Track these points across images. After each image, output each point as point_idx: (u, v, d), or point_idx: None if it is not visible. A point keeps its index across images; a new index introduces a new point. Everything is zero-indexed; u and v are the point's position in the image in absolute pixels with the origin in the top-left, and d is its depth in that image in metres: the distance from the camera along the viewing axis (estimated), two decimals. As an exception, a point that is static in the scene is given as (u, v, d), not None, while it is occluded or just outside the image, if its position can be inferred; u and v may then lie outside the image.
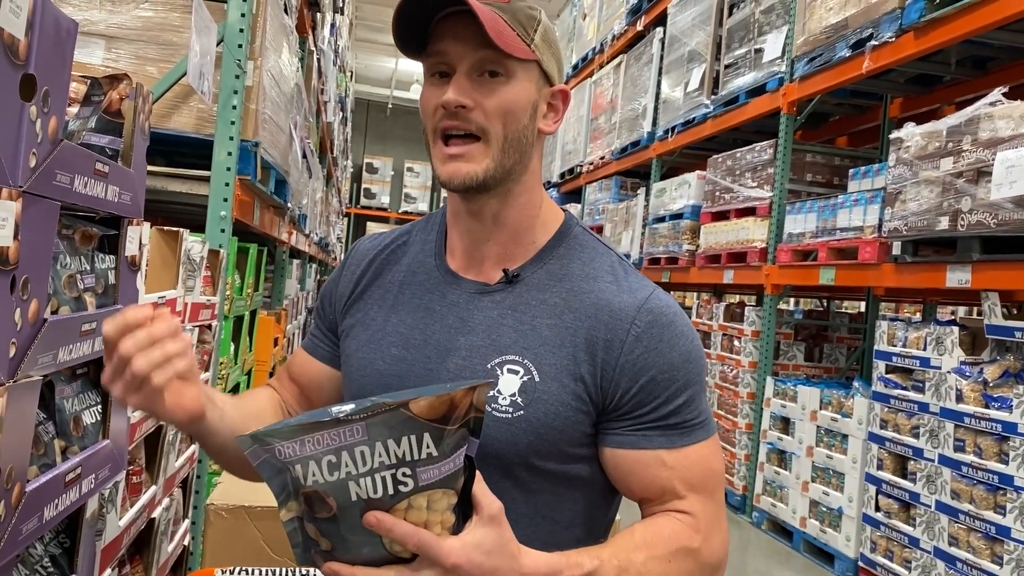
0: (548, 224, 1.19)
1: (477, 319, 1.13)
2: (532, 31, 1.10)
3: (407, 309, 1.18)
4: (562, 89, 1.17)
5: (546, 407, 1.07)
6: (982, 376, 3.47)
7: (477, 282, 1.16)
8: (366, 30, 18.75)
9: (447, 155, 1.09)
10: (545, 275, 1.15)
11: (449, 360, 1.12)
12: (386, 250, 1.27)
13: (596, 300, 1.11)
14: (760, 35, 5.55)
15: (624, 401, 1.09)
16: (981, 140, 3.40)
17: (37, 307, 0.93)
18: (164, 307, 0.92)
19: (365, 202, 23.23)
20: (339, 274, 1.30)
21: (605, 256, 1.18)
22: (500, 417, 1.08)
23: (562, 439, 1.08)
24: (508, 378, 1.09)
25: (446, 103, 1.06)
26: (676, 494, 1.10)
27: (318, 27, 5.26)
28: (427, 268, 1.21)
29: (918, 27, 3.88)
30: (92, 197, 1.07)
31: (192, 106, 2.57)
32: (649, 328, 1.10)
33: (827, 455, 4.58)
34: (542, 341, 1.10)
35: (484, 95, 1.08)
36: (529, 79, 1.11)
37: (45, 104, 0.90)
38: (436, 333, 1.14)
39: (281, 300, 5.06)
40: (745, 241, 5.51)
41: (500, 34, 1.04)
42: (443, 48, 1.08)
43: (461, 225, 1.18)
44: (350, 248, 1.32)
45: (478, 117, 1.07)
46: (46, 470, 1.05)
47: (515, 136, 1.10)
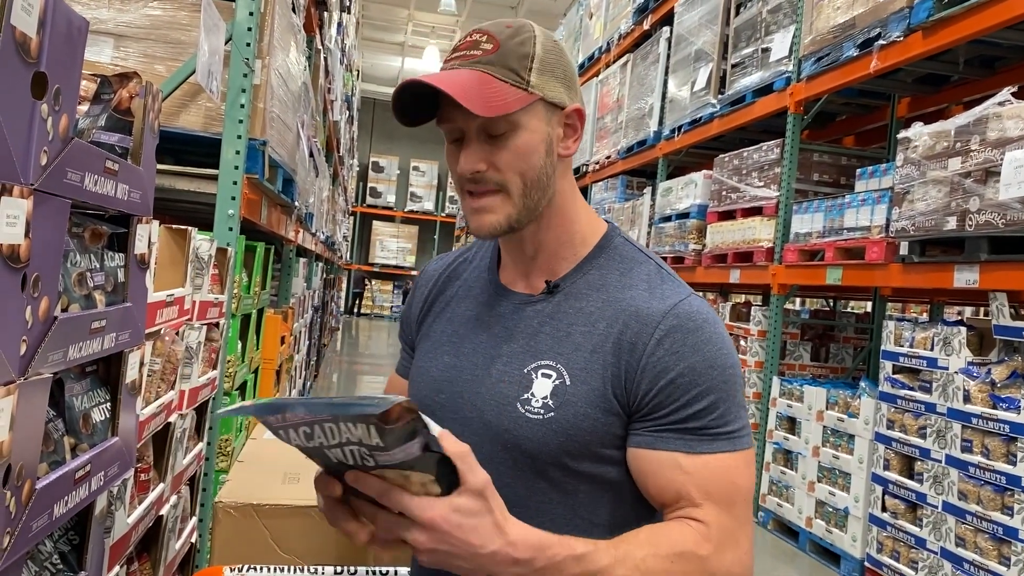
0: (589, 236, 1.24)
1: (519, 328, 1.20)
2: (527, 72, 1.12)
3: (460, 320, 1.27)
4: (576, 108, 1.19)
5: (575, 409, 1.11)
6: (990, 377, 3.46)
7: (523, 294, 1.23)
8: (372, 29, 18.78)
9: (472, 208, 1.16)
10: (584, 285, 1.20)
11: (492, 367, 1.19)
12: (448, 269, 1.37)
13: (627, 307, 1.15)
14: (767, 34, 5.54)
15: (645, 402, 1.11)
16: (989, 140, 3.39)
17: (48, 305, 0.93)
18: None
19: (371, 201, 23.25)
20: (411, 297, 1.40)
21: (643, 265, 1.21)
22: (533, 419, 1.13)
23: (592, 440, 1.11)
24: (541, 382, 1.14)
25: (461, 173, 1.14)
26: (691, 500, 1.09)
27: (325, 26, 5.27)
28: (481, 282, 1.30)
29: (926, 26, 3.87)
30: (102, 195, 1.08)
31: (200, 105, 2.57)
32: (672, 331, 1.11)
33: (833, 455, 4.57)
34: (575, 347, 1.14)
35: (495, 154, 1.13)
36: (537, 119, 1.14)
37: (56, 102, 0.90)
38: (484, 342, 1.22)
39: (288, 298, 5.07)
40: (752, 241, 5.50)
41: (489, 100, 1.08)
42: (450, 116, 1.14)
43: (509, 246, 1.26)
44: (420, 272, 1.44)
45: (494, 175, 1.13)
46: (56, 467, 1.06)
47: (534, 179, 1.15)
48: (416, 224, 23.83)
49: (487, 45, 1.13)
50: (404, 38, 19.40)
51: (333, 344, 14.30)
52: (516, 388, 1.15)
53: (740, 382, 1.16)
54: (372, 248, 23.47)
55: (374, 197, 23.34)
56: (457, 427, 1.14)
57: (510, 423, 1.14)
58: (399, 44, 19.91)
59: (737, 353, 1.18)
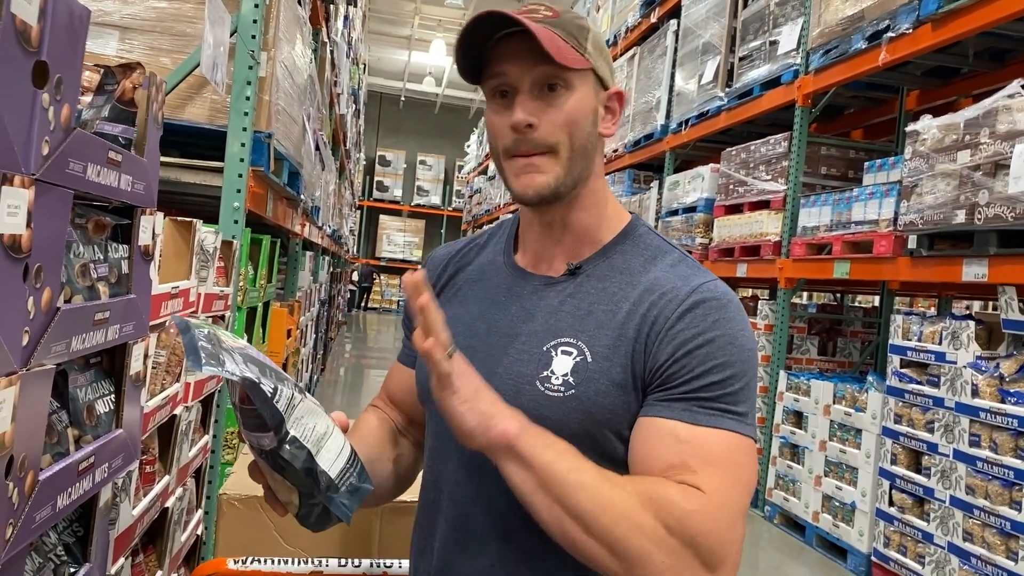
0: (614, 224, 1.23)
1: (539, 308, 1.17)
2: (584, 40, 1.14)
3: (474, 302, 1.25)
4: (618, 91, 1.20)
5: (596, 386, 1.08)
6: (998, 371, 3.44)
7: (544, 276, 1.21)
8: (379, 22, 18.76)
9: (519, 167, 1.14)
10: (607, 267, 1.18)
11: (510, 347, 1.16)
12: (458, 254, 1.34)
13: (650, 285, 1.13)
14: (775, 27, 5.51)
15: (660, 372, 1.07)
16: (999, 133, 3.36)
17: (50, 296, 0.93)
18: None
19: (378, 195, 23.27)
20: None
21: (668, 254, 1.19)
22: (553, 396, 1.10)
23: (613, 419, 1.08)
24: (561, 359, 1.11)
25: (515, 125, 1.11)
26: (688, 467, 1.01)
27: (331, 19, 5.26)
28: (496, 266, 1.27)
29: (935, 18, 3.84)
30: (105, 186, 1.07)
31: (206, 97, 2.57)
32: (696, 307, 1.09)
33: (840, 449, 4.55)
34: (597, 324, 1.12)
35: (548, 111, 1.12)
36: (587, 87, 1.15)
37: (58, 92, 0.89)
38: (500, 322, 1.19)
39: (294, 292, 5.07)
40: (759, 234, 5.48)
41: (558, 49, 1.08)
42: (502, 69, 1.13)
43: (533, 232, 1.24)
44: (427, 258, 1.40)
45: (545, 134, 1.12)
46: (59, 459, 1.05)
47: (581, 144, 1.14)
48: (423, 218, 23.84)
49: (547, 12, 1.14)
50: (411, 31, 19.38)
51: (340, 338, 14.32)
52: (534, 366, 1.12)
53: (756, 371, 1.13)
54: (379, 242, 23.50)
55: (381, 191, 23.36)
56: None
57: (528, 402, 1.10)
58: (406, 38, 19.89)
59: (756, 342, 1.16)
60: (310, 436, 0.99)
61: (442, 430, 1.18)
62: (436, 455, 1.23)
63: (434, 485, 1.22)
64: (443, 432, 1.17)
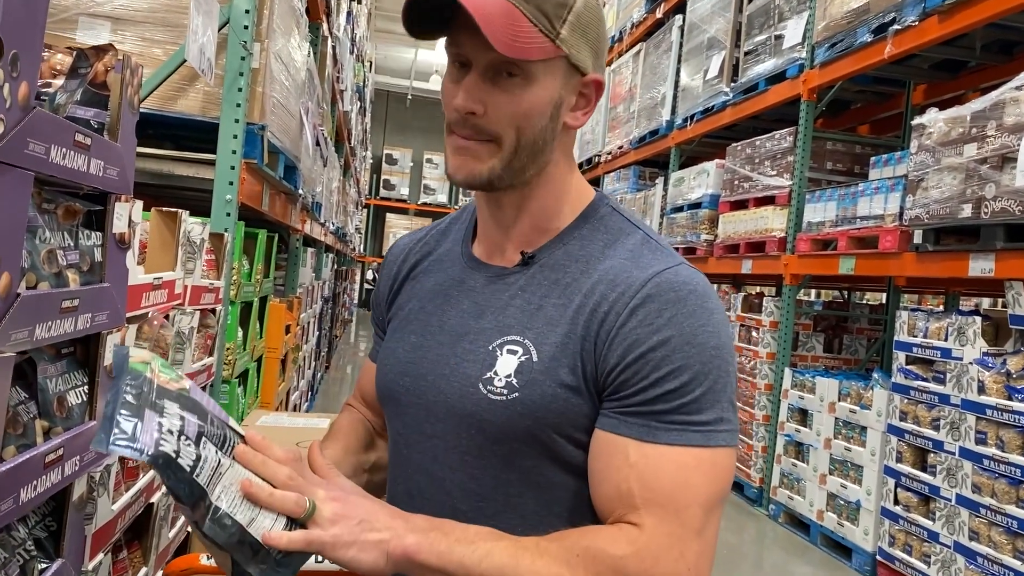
0: (575, 206, 1.12)
1: (490, 302, 1.09)
2: (560, 22, 1.00)
3: (428, 297, 1.16)
4: (595, 79, 1.07)
5: (542, 388, 0.99)
6: (1005, 367, 3.39)
7: (496, 266, 1.12)
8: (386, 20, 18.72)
9: (455, 146, 1.04)
10: (563, 255, 1.08)
11: (458, 345, 1.07)
12: (419, 243, 1.25)
13: (603, 276, 1.03)
14: (780, 21, 5.46)
15: (612, 379, 0.98)
16: (1006, 125, 3.31)
17: (8, 281, 0.90)
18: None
19: (384, 193, 23.26)
20: (380, 276, 1.30)
21: (631, 235, 1.08)
22: (495, 400, 1.01)
23: (562, 422, 1.00)
24: (506, 359, 1.02)
25: (456, 108, 1.02)
26: (631, 501, 0.94)
27: (333, 14, 5.23)
28: (452, 256, 1.18)
29: (942, 10, 3.79)
30: (72, 169, 1.04)
31: (199, 89, 2.54)
32: (649, 300, 0.98)
33: (845, 447, 4.50)
34: (546, 320, 1.03)
35: (497, 99, 1.01)
36: (552, 77, 1.02)
37: (14, 68, 0.86)
38: (451, 319, 1.11)
39: (295, 288, 5.05)
40: (764, 230, 5.43)
41: (513, 38, 0.96)
42: (460, 39, 1.01)
43: (485, 214, 1.14)
44: (389, 248, 1.32)
45: (488, 124, 1.02)
46: (25, 450, 1.02)
47: (530, 140, 1.03)
48: (429, 216, 23.78)
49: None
50: (417, 29, 19.31)
51: (347, 335, 14.31)
52: (479, 367, 1.04)
53: (728, 368, 1.00)
54: (385, 240, 23.47)
55: (387, 189, 23.34)
56: (421, 413, 1.09)
57: (472, 405, 1.02)
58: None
59: (730, 335, 1.03)
60: (239, 505, 0.89)
61: (398, 437, 1.14)
62: (393, 465, 1.17)
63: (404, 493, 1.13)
64: (399, 439, 1.14)
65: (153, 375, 0.90)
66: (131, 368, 0.88)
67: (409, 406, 1.10)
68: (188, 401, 0.90)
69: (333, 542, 0.90)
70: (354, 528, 0.91)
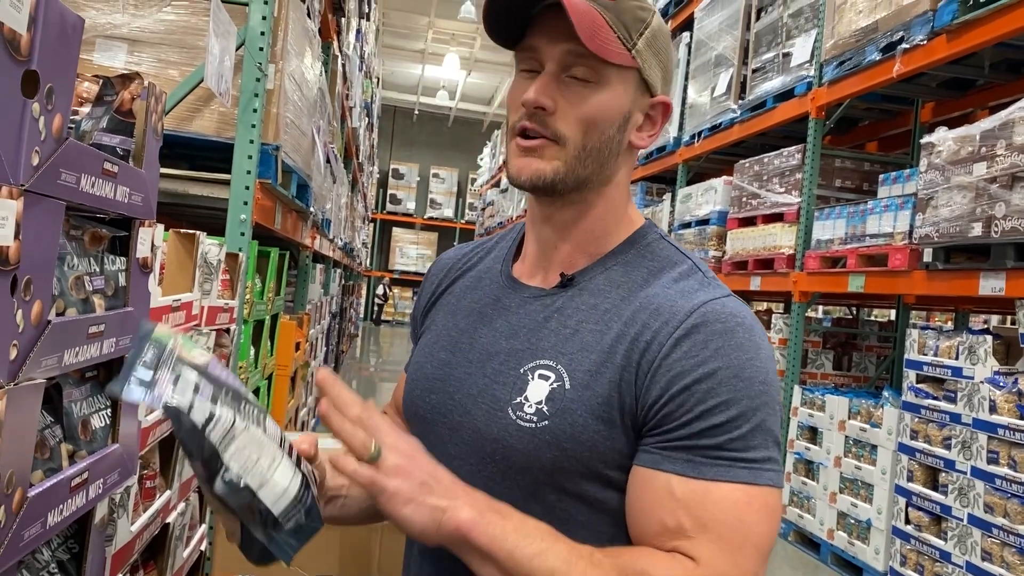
0: (622, 232, 1.10)
1: (523, 322, 1.06)
2: (637, 34, 1.02)
3: (462, 314, 1.14)
4: (664, 100, 1.07)
5: (573, 418, 0.96)
6: (1016, 386, 3.38)
7: (535, 287, 1.10)
8: (393, 36, 18.86)
9: (521, 148, 1.03)
10: (604, 281, 1.05)
11: (488, 365, 1.05)
12: (464, 259, 1.24)
13: (646, 304, 1.00)
14: (788, 39, 5.48)
15: (654, 412, 0.94)
16: (1016, 144, 3.32)
17: (40, 308, 0.91)
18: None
19: (391, 208, 23.36)
20: (421, 289, 1.29)
21: (677, 265, 1.06)
22: (524, 427, 0.98)
23: (592, 457, 0.96)
24: (537, 384, 1.00)
25: (525, 102, 1.01)
26: (683, 531, 0.91)
27: (343, 32, 5.27)
28: (492, 274, 1.17)
29: (950, 29, 3.81)
30: (100, 197, 1.06)
31: (214, 109, 2.57)
32: (694, 331, 0.95)
33: (856, 466, 4.49)
34: (582, 346, 1.00)
35: (569, 98, 1.01)
36: (624, 87, 1.03)
37: (49, 101, 0.88)
38: (483, 337, 1.09)
39: (304, 305, 5.06)
40: (773, 247, 5.44)
41: (594, 33, 0.97)
42: (533, 43, 1.02)
43: (535, 231, 1.13)
44: (434, 261, 1.31)
45: (557, 122, 1.01)
46: (51, 475, 1.03)
47: (595, 146, 1.02)
48: (436, 231, 23.89)
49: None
50: (424, 45, 19.47)
51: (352, 351, 14.32)
52: (509, 390, 1.01)
53: (775, 406, 0.96)
54: (392, 255, 23.55)
55: (394, 204, 23.45)
56: (445, 432, 1.07)
57: (499, 431, 1.00)
58: (419, 51, 19.98)
59: (776, 371, 1.00)
60: (251, 468, 0.89)
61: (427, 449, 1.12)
62: None
63: None
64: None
65: (175, 346, 0.92)
66: (154, 337, 0.91)
67: (435, 424, 1.09)
68: (206, 372, 0.92)
69: (393, 492, 0.88)
70: (415, 487, 0.88)
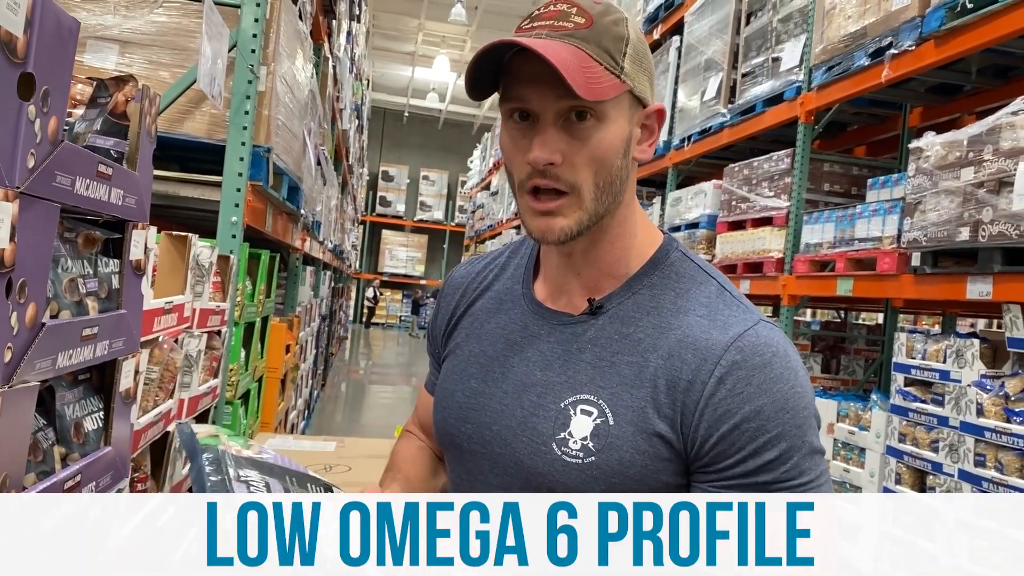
0: (643, 250, 1.09)
1: (555, 352, 1.06)
2: (621, 56, 1.00)
3: (489, 339, 1.14)
4: (658, 108, 1.08)
5: (620, 453, 0.97)
6: (1003, 390, 3.41)
7: (562, 313, 1.09)
8: (383, 39, 18.85)
9: (537, 211, 1.02)
10: (632, 307, 1.05)
11: (524, 397, 1.05)
12: (479, 276, 1.23)
13: (682, 337, 1.00)
14: (778, 44, 5.51)
15: (704, 451, 0.96)
16: (1003, 150, 3.34)
17: (35, 311, 0.91)
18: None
19: (381, 210, 23.32)
20: (437, 307, 1.28)
21: (703, 286, 1.06)
22: (570, 463, 0.99)
23: (639, 489, 0.97)
24: (581, 420, 1.00)
25: (533, 162, 0.99)
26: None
27: (334, 34, 5.27)
28: (513, 296, 1.16)
29: (938, 35, 3.83)
30: (94, 200, 1.06)
31: (205, 111, 2.56)
32: (735, 368, 0.96)
33: (844, 468, 4.51)
34: (620, 380, 1.00)
35: (572, 146, 0.99)
36: (620, 113, 1.02)
37: (45, 104, 0.88)
38: (515, 366, 1.08)
39: (294, 307, 5.05)
40: (762, 251, 5.46)
41: (587, 80, 0.94)
42: (523, 94, 0.99)
43: (553, 258, 1.12)
44: (445, 278, 1.30)
45: (567, 173, 0.99)
46: (44, 477, 1.03)
47: (608, 182, 1.02)
48: (425, 233, 23.87)
49: (579, 18, 0.98)
50: (414, 48, 19.46)
51: (342, 353, 14.29)
52: (551, 425, 1.01)
53: (816, 423, 1.00)
54: (381, 257, 23.52)
55: (384, 206, 23.41)
56: (485, 463, 1.07)
57: (544, 466, 1.00)
58: (409, 54, 19.97)
59: (811, 387, 1.02)
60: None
61: (459, 482, 1.12)
62: None
63: None
64: (461, 484, 1.11)
65: (225, 447, 0.91)
66: (203, 444, 0.90)
67: (472, 454, 1.09)
68: (265, 465, 0.92)
69: None
70: None
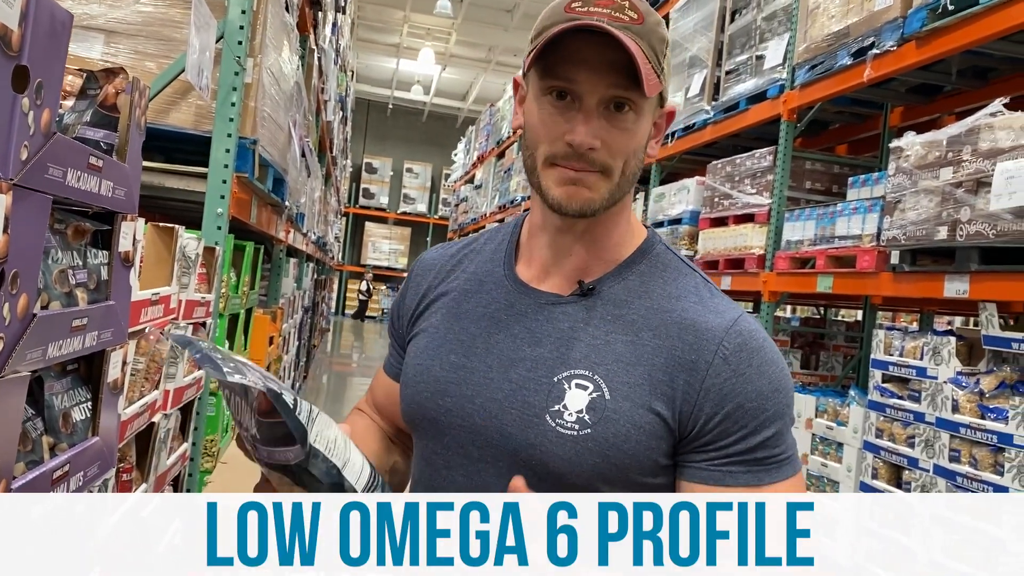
0: (631, 240, 1.13)
1: (546, 330, 1.08)
2: (663, 57, 1.04)
3: (470, 318, 1.14)
4: (672, 109, 1.11)
5: (616, 427, 1.00)
6: (978, 387, 3.47)
7: (549, 293, 1.11)
8: (368, 30, 18.76)
9: (566, 178, 1.03)
10: (623, 291, 1.09)
11: (512, 371, 1.07)
12: (452, 260, 1.23)
13: (680, 319, 1.04)
14: (762, 42, 5.55)
15: (707, 429, 1.00)
16: (981, 150, 3.39)
17: (27, 302, 0.92)
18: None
19: (364, 202, 23.24)
20: (405, 288, 1.27)
21: (689, 277, 1.11)
22: (565, 434, 1.01)
23: (632, 465, 1.00)
24: (576, 393, 1.02)
25: (578, 145, 1.01)
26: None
27: (319, 26, 5.25)
28: (495, 277, 1.16)
29: (920, 36, 3.88)
30: (85, 192, 1.06)
31: (191, 102, 2.56)
32: (738, 351, 1.02)
33: (822, 463, 4.57)
34: (616, 357, 1.03)
35: (611, 133, 1.02)
36: (650, 110, 1.05)
37: (38, 96, 0.89)
38: (500, 342, 1.09)
39: (277, 299, 5.05)
40: (743, 247, 5.50)
41: (647, 76, 0.97)
42: (573, 76, 1.00)
43: (545, 238, 1.13)
44: (414, 262, 1.30)
45: (602, 156, 1.02)
46: (33, 467, 1.04)
47: (633, 171, 1.07)
48: (409, 226, 23.82)
49: (632, 13, 1.00)
50: (399, 40, 19.39)
51: (323, 345, 14.26)
52: (544, 398, 1.03)
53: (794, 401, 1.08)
54: (364, 249, 23.45)
55: (367, 198, 23.33)
56: (465, 436, 1.07)
57: (537, 437, 1.02)
58: (394, 45, 19.90)
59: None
60: (333, 449, 0.92)
61: (434, 457, 1.11)
62: (427, 484, 1.14)
63: None
64: (436, 459, 1.11)
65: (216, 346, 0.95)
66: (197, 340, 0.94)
67: (451, 427, 1.09)
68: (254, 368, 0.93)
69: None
70: None
